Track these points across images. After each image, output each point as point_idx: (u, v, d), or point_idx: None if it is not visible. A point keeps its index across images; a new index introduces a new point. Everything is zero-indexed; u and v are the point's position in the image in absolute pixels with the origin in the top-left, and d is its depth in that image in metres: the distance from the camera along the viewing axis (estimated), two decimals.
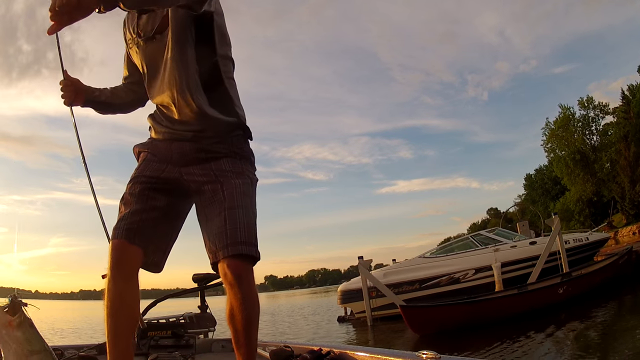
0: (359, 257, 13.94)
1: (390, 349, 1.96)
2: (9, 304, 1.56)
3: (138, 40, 2.04)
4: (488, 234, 16.44)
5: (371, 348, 1.98)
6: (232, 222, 1.84)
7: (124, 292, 1.81)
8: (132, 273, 1.86)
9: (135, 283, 1.86)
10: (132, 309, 1.87)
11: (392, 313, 13.62)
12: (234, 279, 1.77)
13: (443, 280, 14.55)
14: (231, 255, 1.78)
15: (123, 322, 1.83)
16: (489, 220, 77.53)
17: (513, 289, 12.45)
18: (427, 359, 1.66)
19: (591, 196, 43.68)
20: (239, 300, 1.77)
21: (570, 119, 44.95)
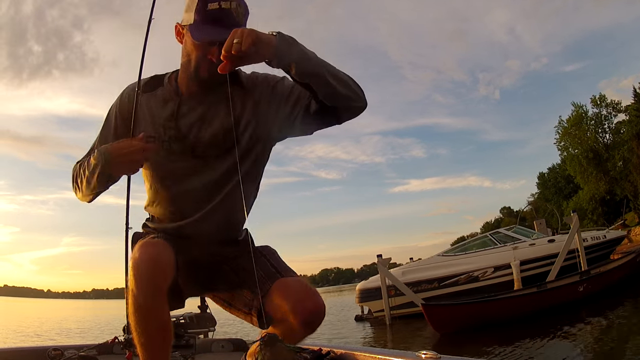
0: (377, 256, 13.77)
1: (391, 349, 1.90)
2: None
3: (180, 144, 1.79)
4: (506, 231, 16.16)
5: (371, 348, 1.93)
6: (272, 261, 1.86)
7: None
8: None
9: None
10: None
11: (411, 312, 13.45)
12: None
13: (462, 278, 14.30)
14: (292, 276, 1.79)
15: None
16: (502, 219, 76.69)
17: (532, 287, 12.25)
18: (427, 358, 1.60)
19: (604, 195, 43.32)
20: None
21: (583, 117, 44.65)
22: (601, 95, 45.42)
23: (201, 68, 1.67)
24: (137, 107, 1.79)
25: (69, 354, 2.54)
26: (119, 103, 1.87)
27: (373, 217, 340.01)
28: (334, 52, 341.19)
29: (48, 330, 12.84)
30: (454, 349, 9.05)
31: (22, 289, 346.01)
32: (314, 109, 1.70)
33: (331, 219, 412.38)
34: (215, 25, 1.60)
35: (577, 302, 11.32)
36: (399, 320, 13.62)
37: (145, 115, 1.80)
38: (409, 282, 13.90)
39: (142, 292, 1.53)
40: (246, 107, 1.79)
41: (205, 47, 1.65)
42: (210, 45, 1.64)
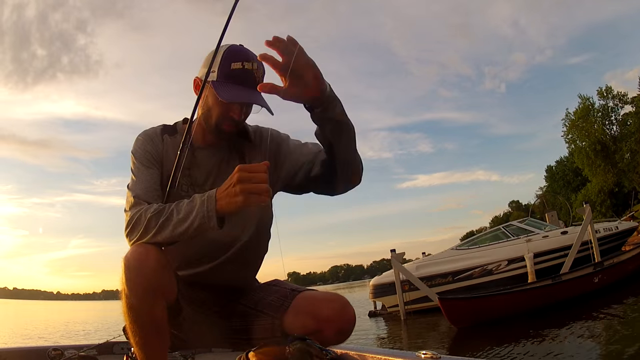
0: (391, 251, 13.61)
1: (392, 349, 1.96)
2: None
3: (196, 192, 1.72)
4: (519, 224, 15.90)
5: (371, 348, 1.95)
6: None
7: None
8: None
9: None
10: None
11: (425, 306, 13.33)
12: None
13: (476, 272, 14.10)
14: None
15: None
16: (511, 212, 76.29)
17: (547, 279, 12.06)
18: (426, 359, 1.64)
19: (612, 187, 43.05)
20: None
21: (590, 109, 44.28)
22: (607, 87, 45.05)
23: (223, 124, 1.72)
24: (183, 146, 1.72)
25: (69, 354, 2.54)
26: (144, 145, 1.81)
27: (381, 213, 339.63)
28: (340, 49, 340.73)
29: (53, 332, 12.81)
30: (471, 343, 8.97)
31: (32, 292, 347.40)
32: (314, 174, 1.79)
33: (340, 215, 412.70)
34: (237, 85, 1.67)
35: (593, 294, 11.20)
36: (414, 315, 13.47)
37: (170, 157, 1.79)
38: (422, 276, 13.76)
39: (132, 291, 1.52)
40: (255, 161, 1.80)
41: (228, 105, 1.69)
42: (227, 105, 1.69)
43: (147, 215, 1.57)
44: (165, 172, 1.78)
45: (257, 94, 1.63)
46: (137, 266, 1.51)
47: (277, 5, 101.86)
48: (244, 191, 1.43)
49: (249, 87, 1.65)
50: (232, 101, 1.66)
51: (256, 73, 1.69)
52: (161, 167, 1.79)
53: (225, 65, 1.68)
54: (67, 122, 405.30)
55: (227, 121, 1.70)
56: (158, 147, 1.81)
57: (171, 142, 1.82)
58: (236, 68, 1.67)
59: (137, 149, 1.80)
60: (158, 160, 1.80)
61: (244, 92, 1.65)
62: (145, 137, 1.83)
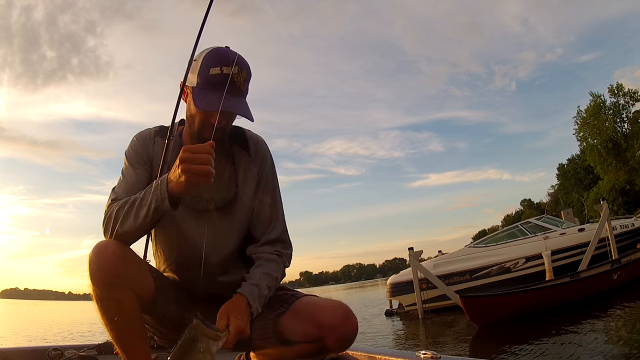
0: (409, 249, 13.40)
1: (392, 349, 1.92)
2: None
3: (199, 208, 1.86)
4: (536, 221, 15.64)
5: (371, 348, 2.02)
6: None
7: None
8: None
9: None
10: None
11: (443, 305, 13.19)
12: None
13: (494, 270, 13.88)
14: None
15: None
16: (523, 211, 75.71)
17: (565, 277, 11.88)
18: (426, 358, 1.65)
19: (624, 185, 42.64)
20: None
21: (601, 107, 43.85)
22: (618, 84, 44.54)
23: (204, 131, 1.67)
24: (166, 150, 1.78)
25: (69, 354, 2.54)
26: (135, 149, 1.85)
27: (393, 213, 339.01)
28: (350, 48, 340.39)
29: (57, 333, 12.78)
30: (490, 342, 8.81)
31: (43, 292, 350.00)
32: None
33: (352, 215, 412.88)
34: (216, 91, 1.60)
35: (612, 291, 11.08)
36: (431, 314, 13.31)
37: (159, 160, 1.79)
38: (440, 274, 13.54)
39: (95, 284, 1.59)
40: (248, 175, 1.89)
41: (208, 112, 1.65)
42: (212, 112, 1.64)
43: (116, 208, 1.62)
44: (154, 174, 1.79)
45: (236, 100, 1.65)
46: (96, 260, 1.57)
47: (286, 5, 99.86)
48: (186, 171, 1.44)
49: (229, 92, 1.59)
50: (206, 110, 1.63)
51: (237, 78, 1.64)
52: (150, 168, 1.81)
53: (204, 70, 1.64)
54: (77, 122, 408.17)
55: (209, 128, 1.63)
56: (149, 149, 1.82)
57: (162, 144, 1.79)
58: (214, 73, 1.63)
59: (128, 150, 1.84)
60: (147, 161, 1.82)
61: (219, 98, 1.58)
62: (138, 139, 1.85)
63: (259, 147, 1.93)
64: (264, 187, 1.91)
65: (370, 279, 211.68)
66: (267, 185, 1.92)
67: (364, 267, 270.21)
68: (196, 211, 1.81)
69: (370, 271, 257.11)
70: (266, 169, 1.93)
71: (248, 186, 1.88)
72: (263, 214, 1.90)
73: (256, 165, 1.90)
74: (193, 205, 1.80)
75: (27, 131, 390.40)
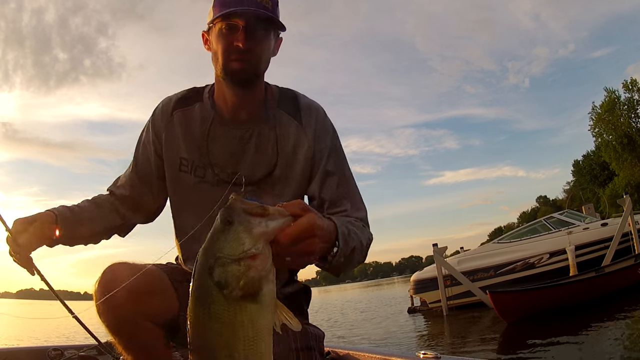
0: (433, 245, 13.26)
1: (392, 349, 1.75)
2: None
3: (211, 172, 1.57)
4: (560, 216, 15.34)
5: (371, 348, 1.91)
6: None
7: None
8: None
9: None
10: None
11: (467, 302, 13.06)
12: None
13: (518, 265, 13.61)
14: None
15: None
16: (539, 208, 75.02)
17: (591, 272, 11.64)
18: (426, 358, 1.60)
19: (639, 180, 42.14)
20: None
21: (616, 103, 43.32)
22: (632, 80, 43.94)
23: (230, 61, 1.43)
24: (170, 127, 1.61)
25: (69, 354, 2.48)
26: (152, 123, 1.66)
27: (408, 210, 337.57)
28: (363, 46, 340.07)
29: (62, 333, 12.80)
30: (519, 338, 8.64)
31: (58, 292, 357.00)
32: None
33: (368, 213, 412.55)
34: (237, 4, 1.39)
35: (637, 286, 10.93)
36: (456, 311, 13.17)
37: (178, 136, 1.59)
38: (464, 271, 13.38)
39: (106, 325, 1.38)
40: (297, 148, 1.58)
41: (230, 36, 1.41)
42: (233, 32, 1.41)
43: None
44: (172, 155, 1.60)
45: (258, 4, 1.40)
46: (103, 299, 1.32)
47: (297, 5, 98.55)
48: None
49: (247, 6, 1.39)
50: (223, 12, 1.39)
51: None
52: (161, 152, 1.62)
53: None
54: (91, 124, 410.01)
55: (234, 55, 1.42)
56: (158, 124, 1.63)
57: (182, 118, 1.59)
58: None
59: (141, 134, 1.71)
60: (159, 139, 1.62)
61: (241, 5, 1.39)
62: (152, 114, 1.67)
63: (313, 115, 1.61)
64: (323, 164, 1.58)
65: (387, 277, 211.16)
66: (326, 161, 1.59)
67: (380, 265, 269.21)
68: (222, 186, 1.54)
69: (387, 269, 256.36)
70: (324, 142, 1.60)
71: (294, 161, 1.57)
72: (326, 197, 1.57)
73: (308, 137, 1.57)
74: (218, 179, 1.55)
75: (40, 133, 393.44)
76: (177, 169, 1.59)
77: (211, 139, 1.55)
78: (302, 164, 1.57)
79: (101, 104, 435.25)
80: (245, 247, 0.85)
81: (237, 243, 0.86)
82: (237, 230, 0.87)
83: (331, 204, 1.55)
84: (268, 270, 0.88)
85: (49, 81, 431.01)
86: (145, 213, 1.72)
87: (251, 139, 1.54)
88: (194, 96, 1.61)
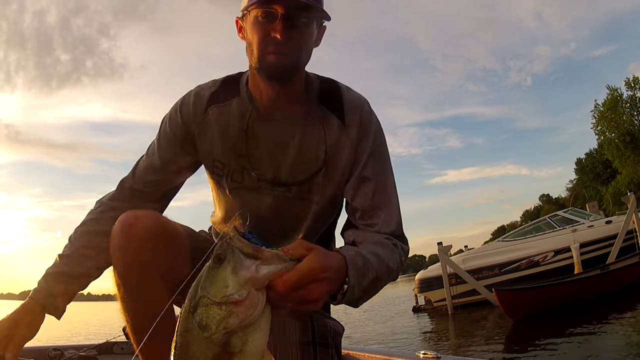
0: (438, 243, 13.22)
1: (392, 348, 1.78)
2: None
3: (249, 174, 1.44)
4: (564, 214, 15.34)
5: (372, 348, 1.90)
6: None
7: None
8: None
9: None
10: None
11: (472, 300, 13.03)
12: None
13: (523, 264, 13.54)
14: None
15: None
16: (542, 206, 74.91)
17: (596, 269, 11.63)
18: (426, 358, 1.58)
19: None
20: None
21: (618, 100, 43.26)
22: (635, 77, 43.87)
23: (267, 53, 1.28)
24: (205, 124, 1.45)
25: (69, 354, 2.40)
26: (181, 116, 1.47)
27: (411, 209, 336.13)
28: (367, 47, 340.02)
29: (65, 334, 12.77)
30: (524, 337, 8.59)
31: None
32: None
33: None
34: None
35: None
36: (460, 309, 13.13)
37: (214, 137, 1.44)
38: (469, 269, 13.33)
39: (115, 267, 1.29)
40: (339, 150, 1.42)
41: (266, 24, 1.26)
42: (270, 20, 1.25)
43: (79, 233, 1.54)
44: (207, 156, 1.47)
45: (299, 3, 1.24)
46: (121, 236, 1.26)
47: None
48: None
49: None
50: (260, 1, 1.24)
51: None
52: (193, 149, 1.48)
53: None
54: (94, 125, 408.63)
55: (271, 46, 1.27)
56: (190, 118, 1.46)
57: (218, 115, 1.43)
58: None
59: (165, 122, 1.52)
60: (190, 134, 1.46)
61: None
62: (181, 112, 1.48)
63: (357, 112, 1.44)
64: (360, 168, 1.42)
65: None
66: (364, 165, 1.43)
67: None
68: (260, 192, 1.45)
69: None
70: (367, 143, 1.43)
71: (337, 164, 1.43)
72: (358, 206, 1.42)
73: (350, 138, 1.42)
74: (257, 185, 1.44)
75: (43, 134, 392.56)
76: (210, 171, 1.49)
77: (250, 140, 1.41)
78: (344, 167, 1.43)
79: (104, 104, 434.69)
80: (228, 291, 0.80)
81: (221, 285, 0.81)
82: (224, 272, 0.82)
83: (363, 213, 1.41)
84: (254, 319, 0.82)
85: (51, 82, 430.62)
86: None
87: (293, 139, 1.41)
88: (231, 89, 1.44)
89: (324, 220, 1.56)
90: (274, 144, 1.41)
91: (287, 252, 0.89)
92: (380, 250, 1.26)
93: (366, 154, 1.42)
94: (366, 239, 1.34)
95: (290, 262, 0.88)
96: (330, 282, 1.00)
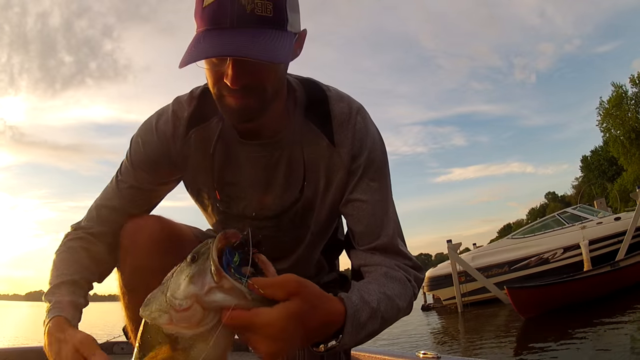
0: (447, 241, 13.14)
1: (394, 348, 1.88)
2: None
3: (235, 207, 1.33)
4: (573, 210, 15.25)
5: (372, 348, 1.91)
6: None
7: None
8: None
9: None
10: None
11: (482, 298, 12.97)
12: None
13: (532, 261, 13.49)
14: None
15: None
16: (547, 204, 74.69)
17: (606, 266, 11.55)
18: (426, 358, 1.60)
19: None
20: None
21: (623, 97, 43.04)
22: (639, 74, 43.84)
23: (223, 97, 1.07)
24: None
25: None
26: (160, 141, 1.29)
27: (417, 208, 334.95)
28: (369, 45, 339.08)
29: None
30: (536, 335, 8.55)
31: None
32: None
33: None
34: (214, 30, 0.98)
35: None
36: (470, 307, 13.09)
37: (196, 164, 1.30)
38: (478, 267, 13.27)
39: (121, 271, 1.29)
40: (333, 169, 1.25)
41: (217, 64, 1.03)
42: (220, 61, 1.02)
43: (60, 256, 1.34)
44: (191, 184, 1.36)
45: (240, 35, 0.95)
46: (128, 241, 1.25)
47: (303, 3, 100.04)
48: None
49: (231, 26, 0.96)
50: (191, 62, 0.96)
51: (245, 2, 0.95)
52: (174, 169, 1.32)
53: (198, 5, 1.00)
54: (98, 126, 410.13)
55: (225, 91, 1.05)
56: (171, 152, 1.29)
57: (199, 140, 1.27)
58: (207, 4, 0.97)
59: (135, 147, 1.32)
60: (171, 159, 1.30)
61: (218, 39, 0.96)
62: (158, 137, 1.28)
63: (348, 128, 1.23)
64: (357, 188, 1.26)
65: None
66: (360, 185, 1.25)
67: None
68: (245, 222, 1.32)
69: None
70: (360, 162, 1.24)
71: (327, 189, 1.28)
72: (355, 229, 1.28)
73: (343, 159, 1.23)
74: (243, 215, 1.33)
75: (48, 136, 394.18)
76: (195, 199, 1.40)
77: (234, 166, 1.28)
78: (335, 192, 1.27)
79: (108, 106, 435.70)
80: (176, 294, 0.78)
81: (175, 284, 0.79)
82: (184, 274, 0.79)
83: (361, 237, 1.26)
84: (197, 331, 0.79)
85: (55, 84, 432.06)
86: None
87: (279, 165, 1.26)
88: (210, 103, 1.18)
89: (325, 235, 1.46)
90: (259, 171, 1.27)
91: (262, 289, 0.80)
92: (390, 288, 1.14)
93: (359, 175, 1.25)
94: (376, 270, 1.21)
95: (253, 301, 0.79)
96: (292, 343, 0.86)
